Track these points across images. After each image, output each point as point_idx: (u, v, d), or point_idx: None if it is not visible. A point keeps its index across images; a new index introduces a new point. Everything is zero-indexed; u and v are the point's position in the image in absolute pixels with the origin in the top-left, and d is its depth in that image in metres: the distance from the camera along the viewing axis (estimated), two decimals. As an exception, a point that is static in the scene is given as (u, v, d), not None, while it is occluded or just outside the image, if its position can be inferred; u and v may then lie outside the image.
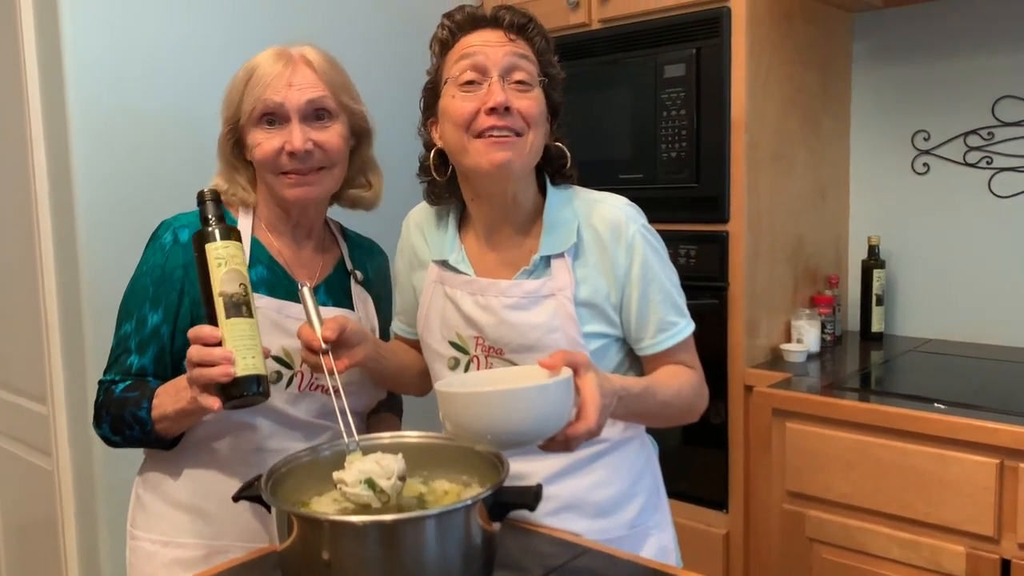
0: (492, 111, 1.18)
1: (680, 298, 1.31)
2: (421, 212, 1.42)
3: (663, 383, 1.25)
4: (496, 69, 1.20)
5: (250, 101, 1.27)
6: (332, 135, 1.30)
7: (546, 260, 1.27)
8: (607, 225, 1.27)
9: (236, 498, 1.07)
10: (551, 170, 1.32)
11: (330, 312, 1.31)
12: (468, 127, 1.20)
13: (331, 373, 1.15)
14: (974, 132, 2.30)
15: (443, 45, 1.27)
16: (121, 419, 1.24)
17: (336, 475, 1.06)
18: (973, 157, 2.31)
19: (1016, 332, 2.27)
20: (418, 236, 1.40)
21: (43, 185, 1.91)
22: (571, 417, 1.03)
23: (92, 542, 1.94)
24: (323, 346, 1.16)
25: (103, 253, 1.86)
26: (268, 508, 1.02)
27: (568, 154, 1.30)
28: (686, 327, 1.30)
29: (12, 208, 2.09)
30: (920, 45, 2.38)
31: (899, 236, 2.45)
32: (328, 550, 0.94)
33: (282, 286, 1.32)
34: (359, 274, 1.43)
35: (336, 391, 1.14)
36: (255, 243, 1.34)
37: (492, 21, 1.24)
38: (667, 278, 1.29)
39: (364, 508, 1.04)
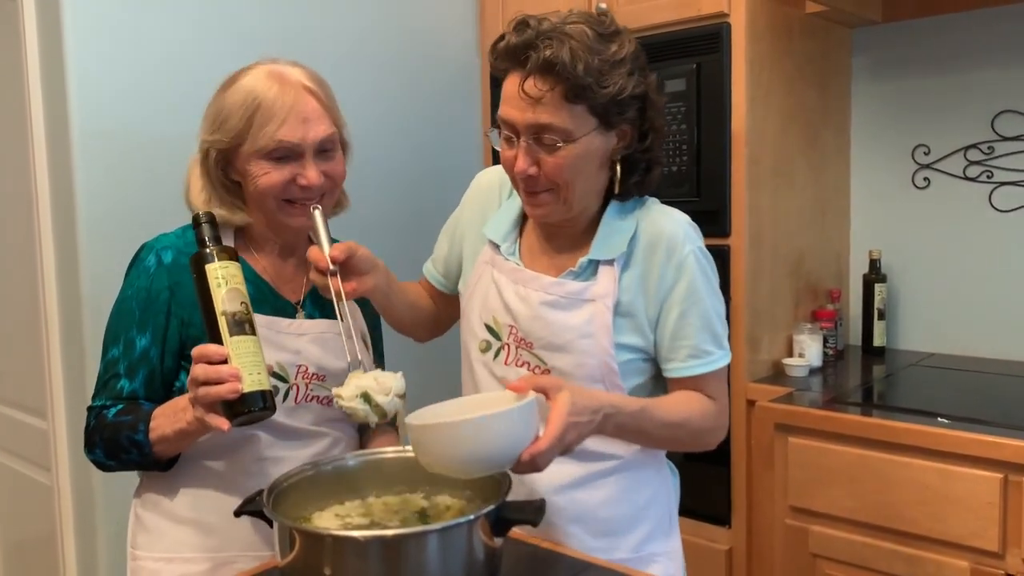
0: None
1: (723, 328, 1.28)
2: (501, 174, 1.37)
3: (668, 405, 1.23)
4: (523, 133, 1.19)
5: (263, 137, 1.22)
6: (339, 163, 1.31)
7: (594, 265, 1.26)
8: (662, 239, 1.25)
9: (238, 513, 1.07)
10: (624, 183, 1.27)
11: (320, 324, 1.32)
12: (512, 175, 1.23)
13: (338, 295, 1.16)
14: (974, 146, 2.31)
15: (497, 81, 1.26)
16: (116, 443, 1.22)
17: (334, 390, 1.09)
18: (973, 171, 2.32)
19: (1019, 345, 2.27)
20: (494, 196, 1.40)
21: (45, 198, 1.91)
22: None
23: (91, 558, 1.93)
24: (331, 267, 1.16)
25: (104, 267, 1.85)
26: (270, 523, 1.02)
27: (640, 167, 1.26)
28: (721, 358, 1.27)
29: (13, 221, 2.09)
30: (920, 59, 2.39)
31: (900, 250, 2.45)
32: (330, 565, 0.94)
33: (268, 302, 1.31)
34: None
35: (342, 316, 1.16)
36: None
37: (518, 63, 1.17)
38: (711, 306, 1.26)
39: (362, 427, 1.04)
